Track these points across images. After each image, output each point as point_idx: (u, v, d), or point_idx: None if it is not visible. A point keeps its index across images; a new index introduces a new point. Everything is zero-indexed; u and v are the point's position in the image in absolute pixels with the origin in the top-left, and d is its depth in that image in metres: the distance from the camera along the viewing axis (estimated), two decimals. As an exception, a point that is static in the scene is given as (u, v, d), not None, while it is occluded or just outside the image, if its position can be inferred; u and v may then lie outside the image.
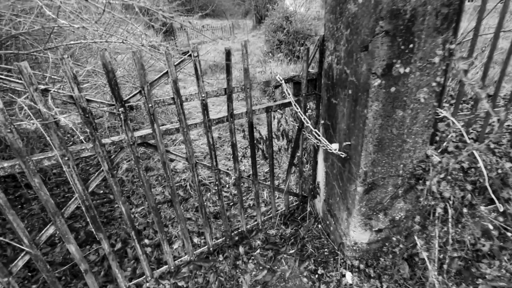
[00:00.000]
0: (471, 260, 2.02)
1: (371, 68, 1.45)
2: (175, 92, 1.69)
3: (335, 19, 1.80)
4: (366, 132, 1.59)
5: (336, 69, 1.88)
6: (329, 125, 2.15)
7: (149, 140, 1.76)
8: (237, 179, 2.25)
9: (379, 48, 1.39)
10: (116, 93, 1.52)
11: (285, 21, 9.83)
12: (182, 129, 1.82)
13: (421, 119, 1.65)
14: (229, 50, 1.72)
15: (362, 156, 1.67)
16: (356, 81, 1.62)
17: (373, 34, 1.39)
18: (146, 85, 1.58)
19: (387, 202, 1.88)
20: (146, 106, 1.63)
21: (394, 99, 1.54)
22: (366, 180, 1.75)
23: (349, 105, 1.75)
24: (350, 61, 1.66)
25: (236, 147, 2.10)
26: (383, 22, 1.34)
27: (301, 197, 2.80)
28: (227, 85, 1.85)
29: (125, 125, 1.61)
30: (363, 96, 1.56)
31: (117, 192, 1.76)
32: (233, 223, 2.86)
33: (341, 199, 2.09)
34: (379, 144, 1.64)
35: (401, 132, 1.65)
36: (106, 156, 1.63)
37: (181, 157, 1.94)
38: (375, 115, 1.55)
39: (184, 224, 2.14)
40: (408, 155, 1.75)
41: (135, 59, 1.51)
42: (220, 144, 4.78)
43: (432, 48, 1.46)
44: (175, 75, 1.65)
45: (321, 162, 2.45)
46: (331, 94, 2.03)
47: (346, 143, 1.80)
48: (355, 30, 1.55)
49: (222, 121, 1.97)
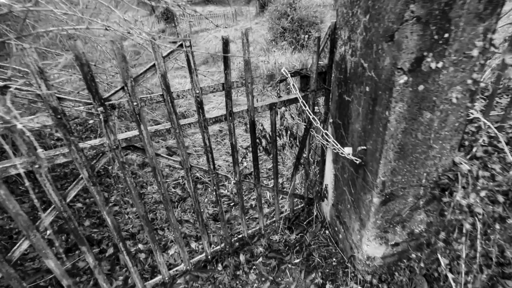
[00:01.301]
0: (497, 276, 1.81)
1: (396, 62, 1.21)
2: (164, 89, 1.46)
3: (351, 3, 1.55)
4: (387, 138, 1.36)
5: (351, 62, 1.64)
6: (340, 124, 1.91)
7: (136, 143, 1.54)
8: (238, 183, 2.03)
9: (408, 38, 1.14)
10: (94, 89, 1.29)
11: (289, 8, 9.43)
12: (174, 130, 1.60)
13: (451, 122, 1.41)
14: (226, 40, 1.48)
15: (380, 164, 1.44)
16: (376, 77, 1.38)
17: (400, 21, 1.14)
18: (129, 80, 1.35)
19: (406, 214, 1.66)
20: (131, 104, 1.41)
21: (421, 99, 1.30)
22: (384, 191, 1.53)
23: (366, 104, 1.51)
24: (369, 53, 1.41)
25: (236, 148, 1.88)
26: (415, 5, 1.09)
27: (307, 200, 2.59)
28: (225, 79, 1.62)
29: (106, 127, 1.39)
30: (385, 96, 1.32)
31: (101, 202, 1.55)
32: (233, 226, 2.67)
33: (352, 207, 1.88)
34: (401, 150, 1.41)
35: (427, 137, 1.42)
36: (86, 163, 1.41)
37: (174, 161, 1.73)
38: (398, 118, 1.31)
39: (178, 232, 1.94)
40: (433, 163, 1.52)
41: (115, 50, 1.27)
42: (221, 138, 4.55)
43: (471, 39, 1.21)
44: (163, 68, 1.42)
45: (329, 163, 2.23)
46: (343, 90, 1.79)
47: (361, 148, 1.57)
48: (376, 16, 1.30)
49: (220, 120, 1.74)
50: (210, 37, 13.70)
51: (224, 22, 20.66)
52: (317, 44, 1.73)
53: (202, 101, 1.60)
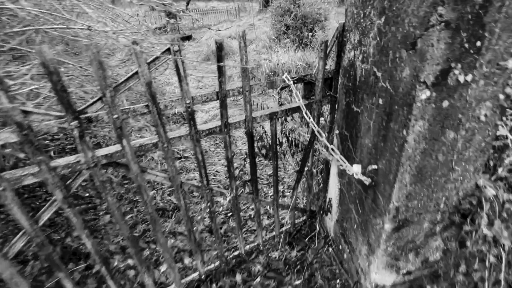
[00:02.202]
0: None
1: (418, 75, 1.02)
2: (150, 99, 1.29)
3: (362, 3, 1.36)
4: (403, 160, 1.18)
5: (361, 69, 1.45)
6: (347, 136, 1.73)
7: (119, 160, 1.37)
8: (234, 199, 1.86)
9: (433, 46, 0.96)
10: (65, 101, 1.12)
11: (292, 5, 9.18)
12: (162, 144, 1.43)
13: (477, 141, 1.23)
14: (220, 44, 1.29)
15: (394, 189, 1.26)
16: (391, 89, 1.20)
17: (425, 26, 0.96)
18: (108, 90, 1.18)
19: (421, 241, 1.48)
20: (110, 117, 1.23)
21: (445, 116, 1.12)
22: (397, 217, 1.35)
23: (379, 118, 1.33)
24: (383, 61, 1.23)
25: (232, 163, 1.71)
26: (444, 8, 0.90)
27: (309, 213, 2.42)
28: (220, 88, 1.44)
29: (82, 143, 1.22)
30: (402, 112, 1.14)
31: (78, 225, 1.39)
32: (230, 239, 2.50)
33: (359, 228, 1.70)
34: (418, 173, 1.23)
35: (449, 159, 1.24)
36: (59, 183, 1.25)
37: (162, 177, 1.55)
38: (417, 138, 1.13)
39: (168, 253, 1.78)
40: (454, 186, 1.34)
41: (91, 56, 1.10)
42: (220, 141, 4.38)
43: (507, 47, 1.03)
44: (148, 76, 1.24)
45: (334, 176, 2.05)
46: (351, 99, 1.61)
47: (372, 167, 1.39)
48: (394, 18, 1.12)
49: (214, 131, 1.57)
50: (212, 33, 13.48)
51: (227, 17, 20.41)
52: (324, 49, 1.54)
53: (193, 111, 1.43)
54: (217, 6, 21.70)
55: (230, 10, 20.84)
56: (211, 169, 3.50)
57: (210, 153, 3.96)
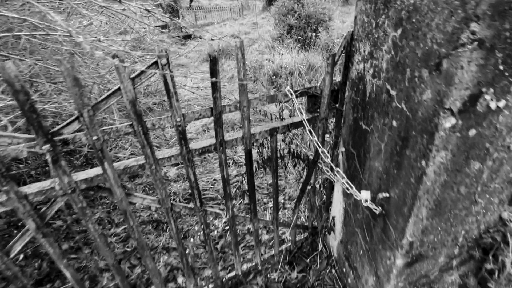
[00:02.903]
0: None
1: (442, 100, 0.88)
2: (134, 118, 1.15)
3: (375, 11, 1.21)
4: (421, 193, 1.03)
5: (371, 84, 1.31)
6: (353, 154, 1.59)
7: (101, 183, 1.23)
8: (231, 219, 1.72)
9: (463, 69, 0.81)
10: (35, 122, 0.98)
11: (296, 4, 9.01)
12: (150, 166, 1.29)
13: (504, 172, 1.08)
14: (214, 58, 1.15)
15: (409, 223, 1.12)
16: (408, 112, 1.05)
17: (454, 45, 0.81)
18: (85, 109, 1.04)
19: (435, 276, 1.34)
20: (89, 138, 1.09)
21: (471, 146, 0.97)
22: (411, 252, 1.20)
23: (392, 142, 1.18)
24: (399, 79, 1.08)
25: (229, 182, 1.57)
26: (478, 24, 0.75)
27: (311, 230, 2.28)
28: (214, 104, 1.29)
29: (57, 168, 1.08)
30: (421, 140, 0.99)
31: (56, 256, 1.25)
32: (227, 256, 2.36)
33: (366, 256, 1.56)
34: (437, 207, 1.09)
35: (472, 191, 1.09)
36: (32, 212, 1.11)
37: (151, 200, 1.42)
38: (438, 169, 0.98)
39: (158, 279, 1.64)
40: (475, 219, 1.19)
41: (64, 71, 0.96)
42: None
43: (548, 69, 0.88)
44: (132, 93, 1.10)
45: (338, 194, 1.91)
46: (359, 115, 1.46)
47: (383, 195, 1.25)
48: (413, 32, 0.97)
49: (208, 150, 1.43)
50: (215, 32, 13.33)
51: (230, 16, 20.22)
52: (332, 63, 1.39)
53: (184, 130, 1.28)
54: (220, 4, 21.52)
55: (233, 8, 20.64)
56: (209, 177, 3.36)
57: (208, 159, 3.82)
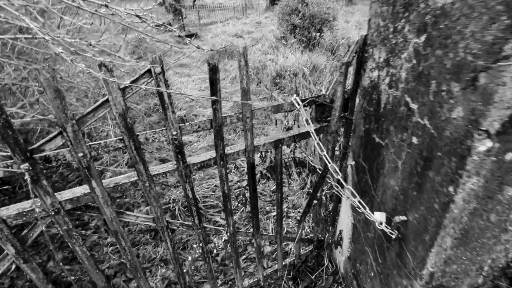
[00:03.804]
0: None
1: (478, 120, 0.75)
2: (125, 132, 1.03)
3: (393, 14, 1.09)
4: (447, 221, 0.91)
5: (387, 94, 1.18)
6: (365, 168, 1.47)
7: (89, 203, 1.12)
8: (232, 235, 1.61)
9: (505, 85, 0.69)
10: (11, 139, 0.86)
11: (301, 4, 8.86)
12: (143, 183, 1.17)
13: (541, 198, 0.96)
14: (214, 66, 1.03)
15: (431, 253, 1.00)
16: (432, 130, 0.93)
17: (494, 57, 0.69)
18: (69, 123, 0.92)
19: (456, 306, 1.22)
20: (74, 155, 0.98)
21: (506, 171, 0.85)
22: (431, 283, 1.08)
23: (411, 160, 1.06)
24: (422, 92, 0.96)
25: (229, 197, 1.45)
26: (528, 34, 0.63)
27: (316, 243, 2.16)
28: (214, 116, 1.18)
29: (38, 188, 0.97)
30: (449, 163, 0.87)
31: (39, 282, 1.14)
32: (228, 269, 2.25)
33: (378, 279, 1.44)
34: (463, 236, 0.97)
35: (503, 219, 0.97)
36: (10, 236, 1.00)
37: (144, 218, 1.30)
38: (468, 197, 0.86)
39: (153, 299, 1.53)
40: (504, 248, 1.07)
41: (43, 81, 0.84)
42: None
43: None
44: (122, 105, 0.98)
45: (346, 207, 1.79)
46: (372, 126, 1.34)
47: (400, 219, 1.13)
48: (441, 39, 0.85)
49: (208, 165, 1.31)
50: (218, 31, 13.20)
51: (234, 15, 20.08)
52: (345, 72, 1.27)
53: (181, 144, 1.17)
54: (224, 3, 21.38)
55: (237, 7, 20.49)
56: (210, 183, 3.25)
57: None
